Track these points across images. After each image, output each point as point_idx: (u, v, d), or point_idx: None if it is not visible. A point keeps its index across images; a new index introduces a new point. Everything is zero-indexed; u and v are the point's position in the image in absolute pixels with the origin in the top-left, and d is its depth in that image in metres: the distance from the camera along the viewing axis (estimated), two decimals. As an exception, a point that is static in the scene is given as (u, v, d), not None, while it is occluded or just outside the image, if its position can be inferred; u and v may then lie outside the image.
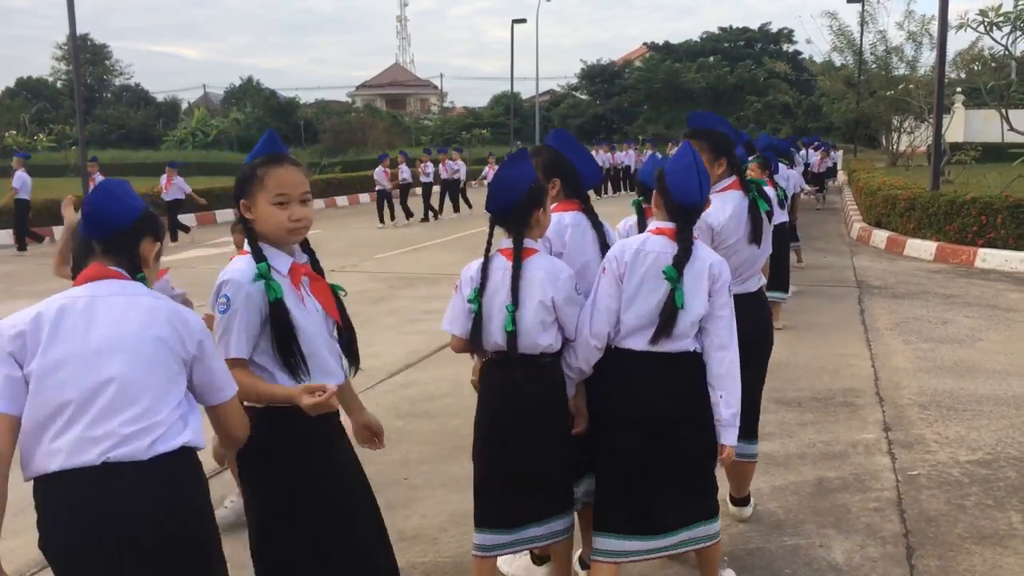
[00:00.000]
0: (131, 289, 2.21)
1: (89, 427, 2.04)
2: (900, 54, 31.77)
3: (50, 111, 56.69)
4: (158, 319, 2.17)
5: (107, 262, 2.25)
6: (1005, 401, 5.97)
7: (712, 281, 3.01)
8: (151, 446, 2.07)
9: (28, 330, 2.08)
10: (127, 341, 2.12)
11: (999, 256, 11.74)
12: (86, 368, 2.07)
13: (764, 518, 4.19)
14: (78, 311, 2.13)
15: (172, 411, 2.13)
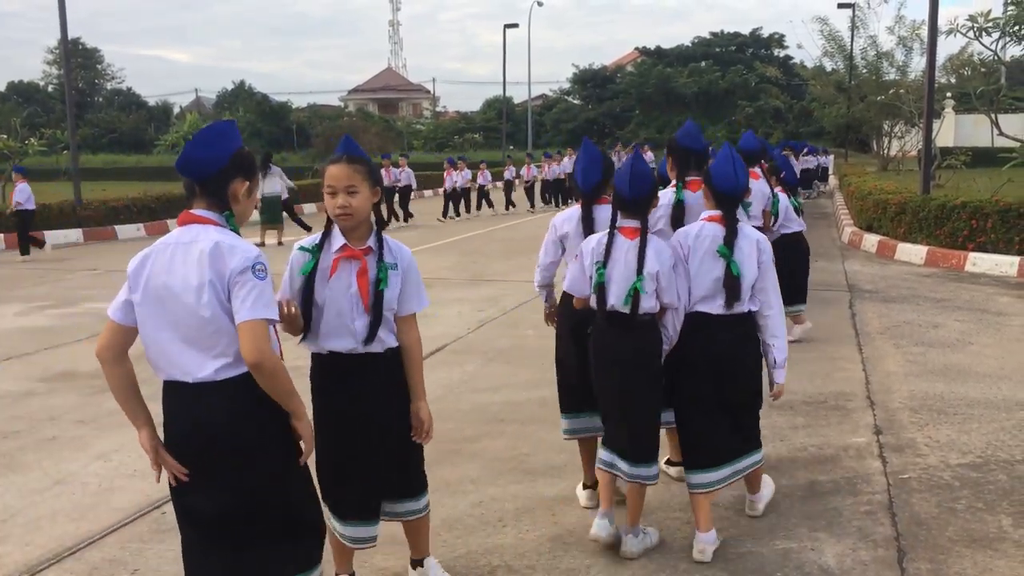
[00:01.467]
0: (199, 235, 2.61)
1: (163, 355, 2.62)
2: (891, 59, 31.94)
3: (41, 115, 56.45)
4: (206, 265, 2.56)
5: (200, 204, 2.69)
6: (995, 404, 5.99)
7: (760, 252, 3.79)
8: (216, 372, 2.58)
9: (135, 267, 2.63)
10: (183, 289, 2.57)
11: (989, 260, 11.79)
12: (156, 307, 2.60)
13: (755, 522, 4.20)
14: (159, 259, 2.62)
15: (232, 332, 2.57)
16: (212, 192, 2.69)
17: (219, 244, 2.58)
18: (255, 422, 2.63)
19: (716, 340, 3.80)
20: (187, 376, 2.59)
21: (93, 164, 40.49)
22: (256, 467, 2.64)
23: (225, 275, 2.56)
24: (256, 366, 2.54)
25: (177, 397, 2.63)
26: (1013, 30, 14.08)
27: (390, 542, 4.02)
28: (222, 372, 2.58)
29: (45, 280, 12.55)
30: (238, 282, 2.56)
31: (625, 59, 69.28)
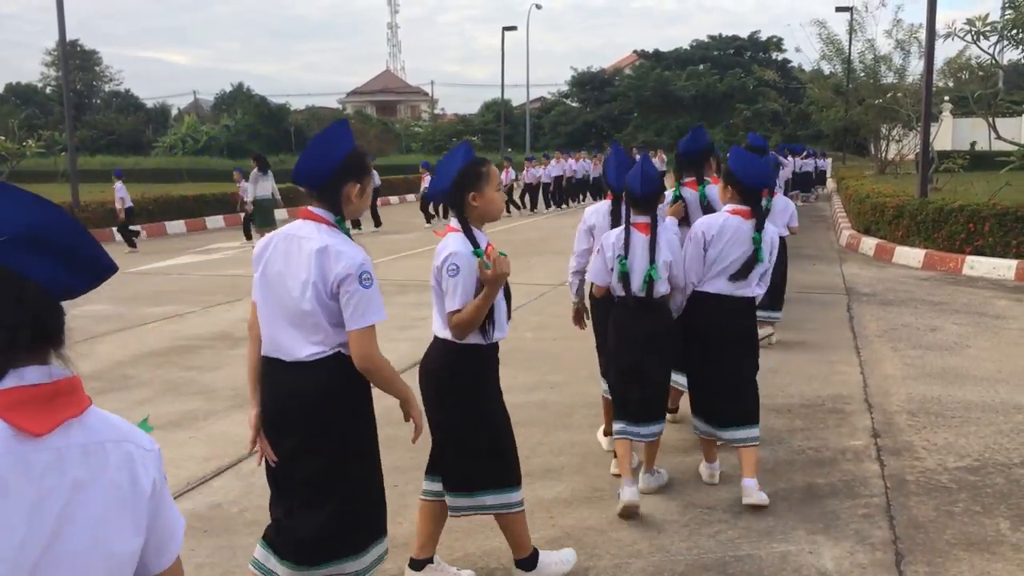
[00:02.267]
0: (312, 233, 2.84)
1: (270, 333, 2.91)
2: (888, 63, 32.00)
3: (39, 117, 56.42)
4: (310, 261, 2.79)
5: (314, 205, 2.91)
6: (993, 408, 6.00)
7: (773, 246, 4.49)
8: (308, 356, 2.83)
9: (257, 251, 2.95)
10: (290, 278, 2.84)
11: (987, 263, 11.80)
12: (269, 289, 2.90)
13: (754, 524, 4.20)
14: (279, 245, 2.90)
15: (327, 328, 2.82)
16: (326, 197, 2.91)
17: (327, 248, 2.80)
18: (337, 398, 2.88)
19: (731, 317, 4.49)
20: (286, 356, 2.87)
21: (91, 166, 40.37)
22: (332, 437, 2.88)
23: (329, 279, 2.79)
24: (366, 371, 2.86)
25: (275, 373, 2.91)
26: (1011, 34, 14.11)
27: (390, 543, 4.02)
28: (314, 356, 2.84)
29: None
30: (346, 291, 2.79)
31: (623, 62, 69.32)
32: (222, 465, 5.04)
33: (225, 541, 4.07)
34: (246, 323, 3.06)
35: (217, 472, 4.98)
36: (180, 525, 1.46)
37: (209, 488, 4.77)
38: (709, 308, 4.46)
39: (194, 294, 11.11)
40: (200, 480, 4.88)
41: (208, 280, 12.37)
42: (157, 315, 9.67)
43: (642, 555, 3.91)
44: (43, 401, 1.33)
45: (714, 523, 4.22)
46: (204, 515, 4.40)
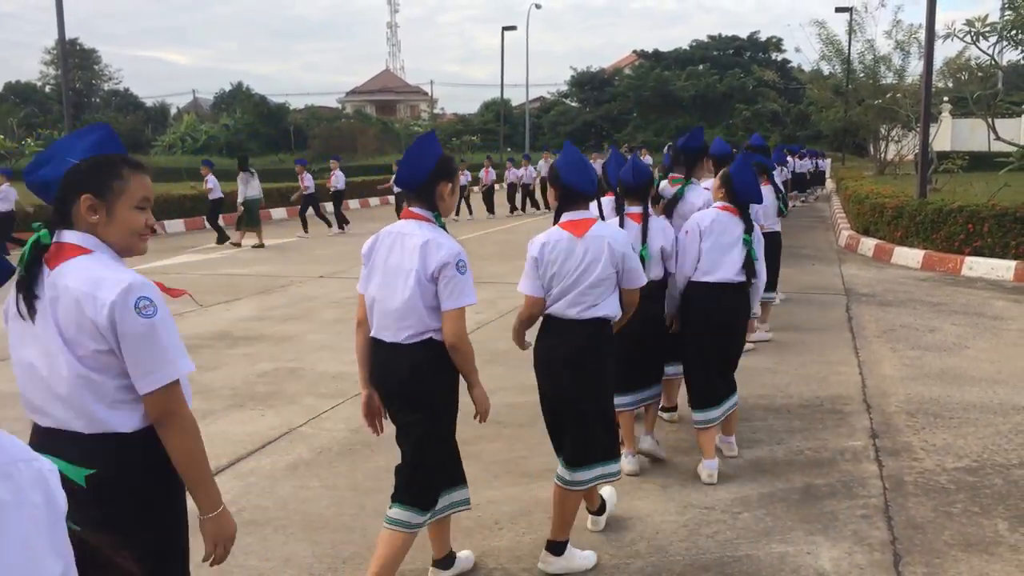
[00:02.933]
0: (415, 230, 3.25)
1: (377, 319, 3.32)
2: (888, 63, 32.00)
3: (38, 116, 56.41)
4: (415, 254, 3.19)
5: (413, 205, 3.33)
6: (991, 409, 6.00)
7: (758, 241, 4.91)
8: (405, 339, 3.22)
9: (367, 248, 3.38)
10: (397, 270, 3.24)
11: (985, 264, 11.81)
12: (377, 280, 3.31)
13: (752, 525, 4.20)
14: (385, 241, 3.32)
15: (423, 314, 3.21)
16: (423, 197, 3.32)
17: (429, 241, 3.20)
18: (428, 376, 3.26)
19: (724, 304, 4.81)
20: (387, 337, 3.28)
21: (90, 165, 40.38)
22: (424, 408, 3.28)
23: (430, 268, 3.17)
24: (453, 347, 3.21)
25: (380, 351, 3.32)
26: (1010, 34, 14.11)
27: (386, 544, 4.02)
28: (409, 339, 3.23)
29: (41, 281, 12.51)
30: (445, 276, 3.17)
31: (623, 62, 69.31)
32: (220, 465, 5.03)
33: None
34: (248, 323, 3.10)
35: (215, 472, 4.97)
36: None
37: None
38: (707, 296, 4.80)
39: (193, 293, 11.08)
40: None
41: (206, 279, 12.36)
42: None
43: (640, 555, 3.91)
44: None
45: (712, 523, 4.22)
46: (202, 515, 4.39)
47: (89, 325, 2.08)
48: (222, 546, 2.29)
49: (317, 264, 13.84)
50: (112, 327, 2.08)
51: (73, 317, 2.09)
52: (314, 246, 16.62)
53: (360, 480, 4.82)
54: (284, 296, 10.85)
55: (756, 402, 6.19)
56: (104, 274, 2.10)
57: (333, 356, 7.55)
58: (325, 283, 11.83)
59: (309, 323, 9.13)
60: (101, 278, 2.09)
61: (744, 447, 5.25)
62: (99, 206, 2.16)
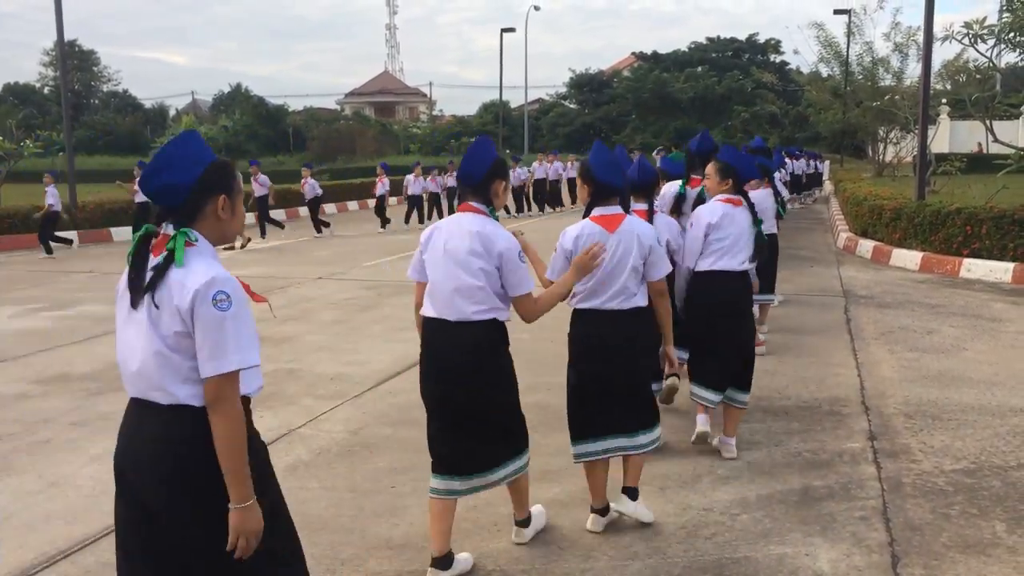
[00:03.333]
0: (473, 221, 3.64)
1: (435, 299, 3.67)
2: (886, 65, 32.03)
3: (37, 117, 56.32)
4: (475, 241, 3.58)
5: (470, 199, 3.72)
6: (989, 411, 6.01)
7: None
8: (472, 314, 3.58)
9: (425, 236, 3.74)
10: (457, 255, 3.59)
11: (984, 266, 11.82)
12: (438, 265, 3.65)
13: (750, 526, 4.21)
14: (443, 230, 3.69)
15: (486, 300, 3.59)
16: (480, 192, 3.72)
17: (488, 232, 3.60)
18: (491, 352, 3.65)
19: (729, 289, 5.06)
20: (452, 316, 3.60)
21: (89, 166, 40.40)
22: (488, 380, 3.63)
23: (493, 253, 3.57)
24: (529, 321, 3.75)
25: (441, 330, 3.63)
26: (1008, 37, 14.12)
27: (384, 547, 4.02)
28: (476, 316, 3.58)
29: (40, 282, 12.52)
30: (508, 267, 3.58)
31: (622, 64, 69.34)
32: (219, 466, 5.03)
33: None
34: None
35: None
36: None
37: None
38: (713, 284, 5.05)
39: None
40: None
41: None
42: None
43: (639, 557, 3.91)
44: None
45: (711, 525, 4.23)
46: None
47: (175, 309, 2.33)
48: (244, 539, 2.35)
49: (315, 265, 13.84)
50: (191, 312, 2.32)
51: (165, 301, 2.34)
52: (312, 248, 16.62)
53: (359, 481, 4.82)
54: (283, 297, 10.85)
55: (754, 404, 6.19)
56: (198, 266, 2.37)
57: (332, 357, 7.55)
58: (323, 284, 11.83)
59: (307, 324, 9.14)
60: (194, 269, 2.36)
61: (742, 449, 5.26)
62: (227, 204, 2.49)
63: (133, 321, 2.41)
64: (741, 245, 5.06)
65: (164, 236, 2.43)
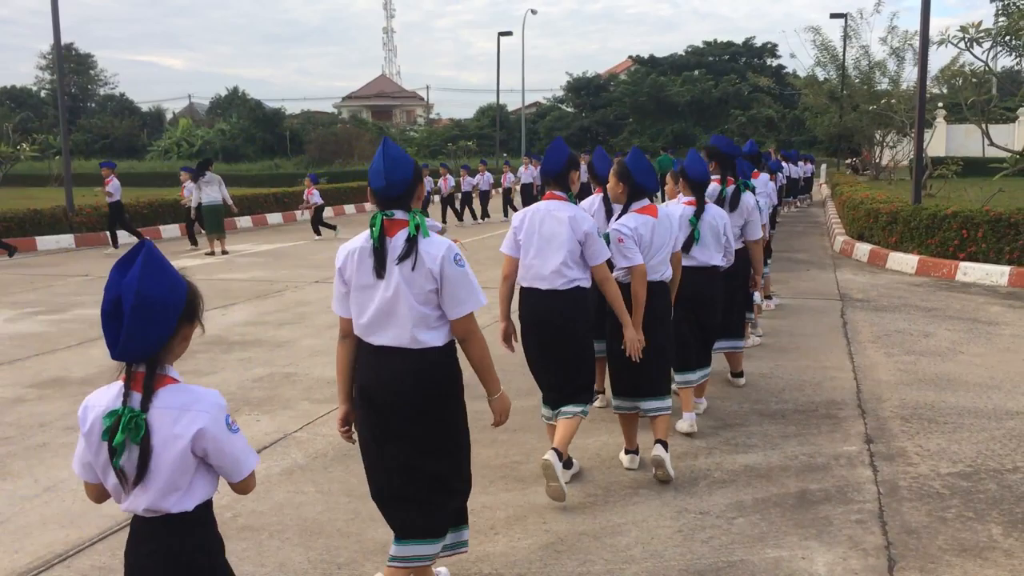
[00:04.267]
0: (559, 207, 4.49)
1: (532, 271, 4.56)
2: (883, 69, 32.05)
3: (34, 120, 56.35)
4: (566, 224, 4.41)
5: (554, 187, 4.59)
6: (986, 414, 6.02)
7: (723, 229, 5.73)
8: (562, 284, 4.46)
9: (518, 220, 4.59)
10: (552, 237, 4.42)
11: (980, 270, 11.84)
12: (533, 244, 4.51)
13: (747, 530, 4.21)
14: (538, 215, 4.51)
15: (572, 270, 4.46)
16: (560, 182, 4.58)
17: (575, 216, 4.44)
18: (580, 315, 4.50)
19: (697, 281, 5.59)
20: (543, 285, 4.46)
21: (86, 170, 40.26)
22: (576, 338, 4.53)
23: (578, 235, 4.41)
24: (603, 280, 4.50)
25: (533, 298, 4.52)
26: (1004, 40, 14.16)
27: (380, 551, 4.02)
28: (563, 286, 4.43)
29: (36, 286, 12.51)
30: (588, 241, 4.42)
31: (619, 67, 69.47)
32: (215, 470, 5.02)
33: (218, 546, 4.06)
34: (243, 327, 3.13)
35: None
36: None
37: (202, 493, 4.76)
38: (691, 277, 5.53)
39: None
40: (193, 485, 4.86)
41: (202, 284, 12.24)
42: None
43: (635, 560, 3.91)
44: None
45: (707, 528, 4.23)
46: (197, 520, 4.38)
47: (428, 272, 3.12)
48: (503, 415, 3.44)
49: (312, 269, 13.83)
50: (440, 272, 3.12)
51: (419, 266, 3.12)
52: (309, 251, 16.61)
53: (355, 485, 4.81)
54: (279, 301, 10.85)
55: (751, 407, 6.20)
56: (433, 237, 3.19)
57: (328, 361, 7.54)
58: (320, 288, 11.82)
59: (304, 328, 9.13)
60: (433, 239, 3.17)
61: (739, 452, 5.26)
62: (421, 191, 3.36)
63: (377, 287, 3.16)
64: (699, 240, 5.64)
65: (394, 220, 3.17)
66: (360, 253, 3.19)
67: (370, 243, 3.18)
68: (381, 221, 3.17)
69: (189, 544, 2.30)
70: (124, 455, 2.20)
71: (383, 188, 3.17)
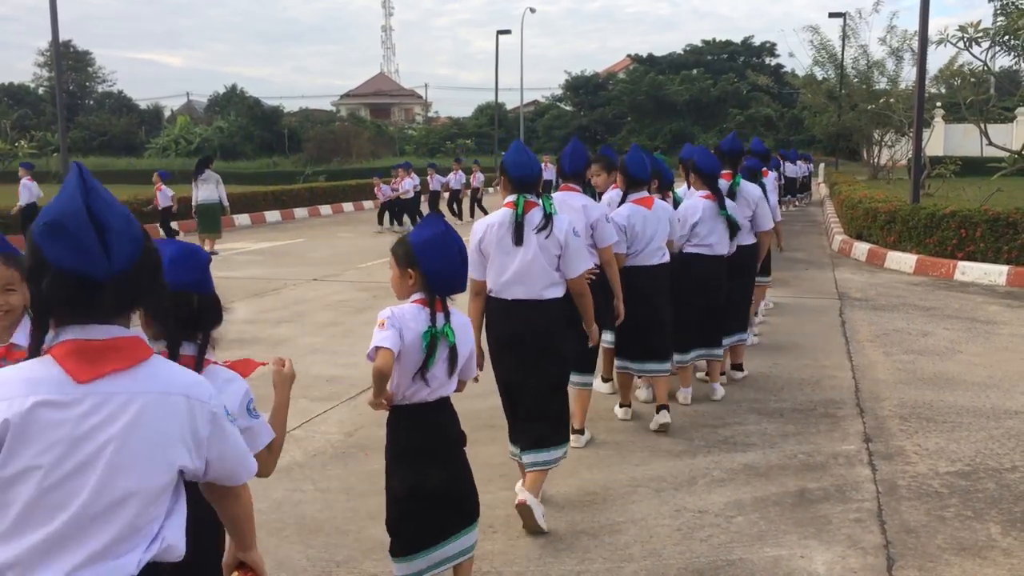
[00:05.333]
0: (572, 197, 4.88)
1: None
2: (881, 68, 32.11)
3: (32, 118, 56.23)
4: (580, 212, 4.78)
5: (571, 180, 4.99)
6: (984, 413, 6.02)
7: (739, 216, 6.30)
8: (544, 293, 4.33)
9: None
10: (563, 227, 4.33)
11: (978, 269, 11.84)
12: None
13: (746, 529, 4.21)
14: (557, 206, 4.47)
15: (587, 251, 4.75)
16: (578, 179, 5.03)
17: (587, 204, 4.88)
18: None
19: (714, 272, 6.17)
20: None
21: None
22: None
23: (591, 218, 4.82)
24: (608, 264, 4.95)
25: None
26: (1002, 40, 14.17)
27: (379, 549, 4.01)
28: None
29: (34, 283, 12.47)
30: (598, 226, 4.85)
31: (617, 66, 69.43)
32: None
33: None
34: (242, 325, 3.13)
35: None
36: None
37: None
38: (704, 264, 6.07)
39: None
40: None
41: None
42: (149, 317, 9.64)
43: (634, 559, 3.91)
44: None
45: (706, 527, 4.23)
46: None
47: (556, 240, 4.13)
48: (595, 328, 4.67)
49: (310, 267, 13.82)
50: (567, 241, 4.15)
51: (552, 236, 4.11)
52: (307, 249, 16.59)
53: (354, 483, 4.81)
54: (277, 299, 10.84)
55: (750, 406, 6.20)
56: (560, 217, 4.19)
57: (327, 359, 7.53)
58: (318, 286, 11.81)
59: (302, 326, 9.12)
60: (560, 215, 4.20)
61: (738, 451, 5.27)
62: None
63: (517, 252, 4.10)
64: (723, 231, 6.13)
65: (528, 201, 4.12)
66: (500, 227, 4.14)
67: (510, 218, 4.11)
68: (523, 201, 4.12)
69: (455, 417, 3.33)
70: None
71: (525, 176, 4.17)
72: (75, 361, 1.62)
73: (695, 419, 5.89)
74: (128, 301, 1.70)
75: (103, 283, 1.61)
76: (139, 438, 1.65)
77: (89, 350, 1.63)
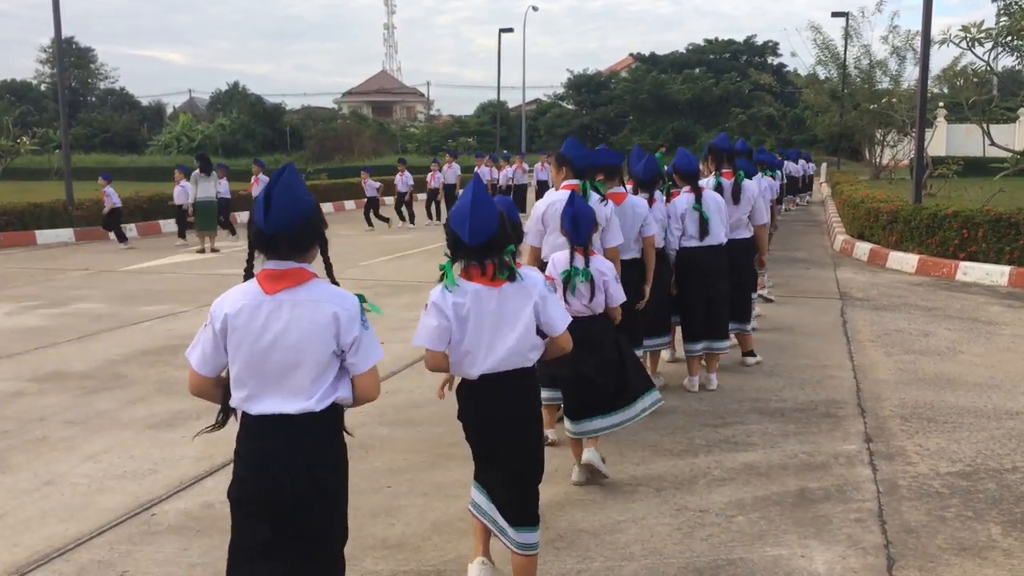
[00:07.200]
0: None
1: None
2: (884, 68, 32.09)
3: (34, 114, 56.23)
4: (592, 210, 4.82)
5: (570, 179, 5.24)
6: (985, 413, 6.02)
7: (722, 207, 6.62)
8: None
9: (543, 208, 5.27)
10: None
11: (980, 269, 11.84)
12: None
13: (746, 528, 4.21)
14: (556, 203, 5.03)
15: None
16: (613, 176, 5.76)
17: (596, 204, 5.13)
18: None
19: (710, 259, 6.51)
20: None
21: (85, 164, 40.27)
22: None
23: (601, 218, 5.02)
24: (614, 260, 5.12)
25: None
26: (1005, 40, 14.15)
27: (380, 546, 4.02)
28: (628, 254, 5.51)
29: (36, 280, 12.50)
30: (609, 225, 5.23)
31: (620, 65, 69.42)
32: (215, 465, 5.02)
33: (218, 541, 4.05)
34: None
35: (210, 472, 4.97)
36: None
37: (202, 488, 4.76)
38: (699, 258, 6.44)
39: (188, 293, 11.10)
40: (193, 480, 4.87)
41: (202, 279, 12.34)
42: (151, 314, 9.65)
43: (634, 558, 3.91)
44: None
45: (706, 526, 4.23)
46: (197, 515, 4.39)
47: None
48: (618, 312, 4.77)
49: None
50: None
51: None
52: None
53: (355, 481, 4.77)
54: (279, 296, 10.82)
55: (751, 405, 6.20)
56: None
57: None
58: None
59: (304, 324, 9.10)
60: None
61: (738, 450, 5.27)
62: None
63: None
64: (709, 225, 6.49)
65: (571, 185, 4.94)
66: (559, 204, 4.75)
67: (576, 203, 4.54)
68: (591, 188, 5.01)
69: None
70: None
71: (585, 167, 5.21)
72: (265, 281, 2.68)
73: (696, 418, 5.89)
74: (296, 247, 2.71)
75: (272, 236, 2.65)
76: (299, 328, 2.64)
77: (273, 275, 2.68)
